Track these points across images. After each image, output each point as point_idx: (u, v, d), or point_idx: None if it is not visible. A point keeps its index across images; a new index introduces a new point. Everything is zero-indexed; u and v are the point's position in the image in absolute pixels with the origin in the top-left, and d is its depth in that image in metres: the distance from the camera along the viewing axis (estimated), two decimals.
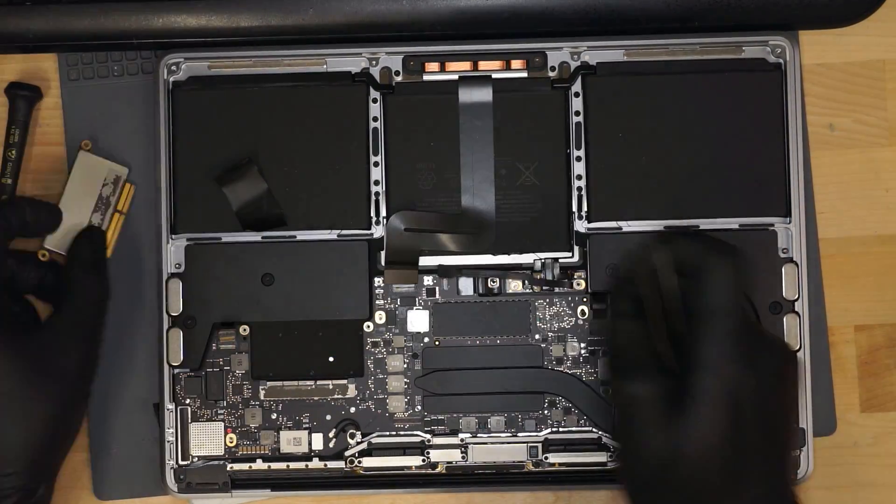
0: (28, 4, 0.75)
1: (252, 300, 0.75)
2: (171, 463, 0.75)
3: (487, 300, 0.76)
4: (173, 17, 0.75)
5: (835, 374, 0.77)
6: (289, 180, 0.75)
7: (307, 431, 0.76)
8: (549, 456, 0.75)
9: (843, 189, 0.78)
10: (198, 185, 0.75)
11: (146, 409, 0.77)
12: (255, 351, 0.75)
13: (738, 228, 0.75)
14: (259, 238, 0.75)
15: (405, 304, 0.76)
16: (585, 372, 0.76)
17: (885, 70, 0.78)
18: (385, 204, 0.75)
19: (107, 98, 0.78)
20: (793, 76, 0.75)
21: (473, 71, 0.76)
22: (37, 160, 0.78)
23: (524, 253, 0.75)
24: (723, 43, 0.75)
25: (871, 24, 0.77)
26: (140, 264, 0.77)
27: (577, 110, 0.75)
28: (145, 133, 0.77)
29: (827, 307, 0.77)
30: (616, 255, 0.75)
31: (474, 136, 0.75)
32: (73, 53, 0.77)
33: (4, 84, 0.77)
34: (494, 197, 0.75)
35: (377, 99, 0.75)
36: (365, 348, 0.76)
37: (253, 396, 0.76)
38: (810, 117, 0.78)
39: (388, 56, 0.76)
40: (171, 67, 0.75)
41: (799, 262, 0.75)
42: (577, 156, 0.75)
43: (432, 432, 0.76)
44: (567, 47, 0.75)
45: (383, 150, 0.75)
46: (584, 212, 0.75)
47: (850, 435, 0.77)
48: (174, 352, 0.75)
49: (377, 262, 0.75)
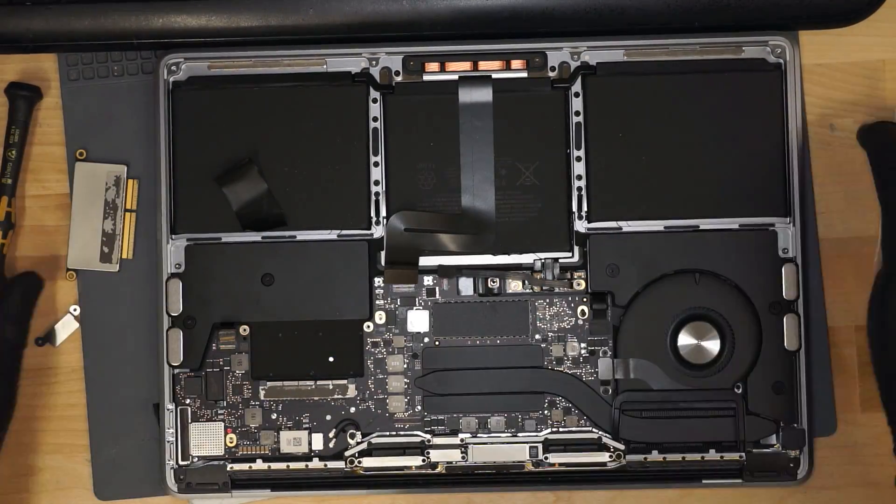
0: (28, 4, 0.75)
1: (252, 300, 0.75)
2: (171, 463, 0.75)
3: (487, 300, 0.76)
4: (173, 17, 0.75)
5: (835, 374, 0.77)
6: (289, 180, 0.75)
7: (307, 431, 0.76)
8: (549, 456, 0.75)
9: (843, 189, 0.78)
10: (198, 185, 0.75)
11: (146, 409, 0.77)
12: (255, 351, 0.75)
13: (738, 228, 0.75)
14: (259, 238, 0.75)
15: (405, 304, 0.76)
16: (585, 372, 0.76)
17: (885, 70, 0.78)
18: (385, 204, 0.75)
19: (107, 98, 0.78)
20: (793, 76, 0.75)
21: (473, 71, 0.76)
22: (37, 160, 0.78)
23: (524, 253, 0.75)
24: (723, 43, 0.75)
25: (871, 24, 0.77)
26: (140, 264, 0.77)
27: (577, 110, 0.75)
28: (145, 133, 0.77)
29: (827, 307, 0.77)
30: (616, 255, 0.75)
31: (474, 136, 0.75)
32: (73, 53, 0.77)
33: (4, 84, 0.77)
34: (494, 197, 0.75)
35: (377, 99, 0.75)
36: (365, 348, 0.76)
37: (253, 396, 0.76)
38: (810, 117, 0.78)
39: (388, 56, 0.76)
40: (171, 67, 0.75)
41: (799, 262, 0.75)
42: (577, 156, 0.75)
43: (432, 432, 0.76)
44: (567, 47, 0.75)
45: (383, 150, 0.75)
46: (584, 212, 0.75)
47: (850, 435, 0.77)
48: (174, 352, 0.75)
49: (377, 262, 0.75)
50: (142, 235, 0.77)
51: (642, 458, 0.75)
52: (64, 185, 0.78)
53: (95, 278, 0.77)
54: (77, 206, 0.77)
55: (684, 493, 0.77)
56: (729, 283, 0.75)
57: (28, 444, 0.78)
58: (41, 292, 0.76)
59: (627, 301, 0.75)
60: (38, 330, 0.78)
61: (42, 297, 0.78)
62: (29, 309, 0.76)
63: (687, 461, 0.75)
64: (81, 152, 0.77)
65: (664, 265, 0.75)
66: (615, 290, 0.75)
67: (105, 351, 0.77)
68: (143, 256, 0.77)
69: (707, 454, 0.75)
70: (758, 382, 0.75)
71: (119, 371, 0.77)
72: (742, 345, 0.75)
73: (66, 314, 0.78)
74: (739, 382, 0.75)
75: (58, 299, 0.78)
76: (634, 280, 0.75)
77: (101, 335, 0.77)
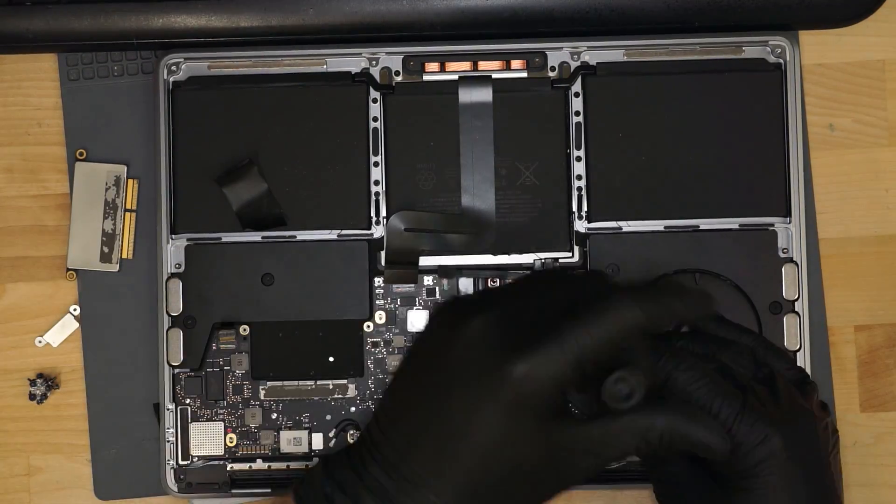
0: (28, 4, 0.75)
1: (252, 300, 0.75)
2: (171, 463, 0.75)
3: None
4: (173, 17, 0.75)
5: (835, 374, 0.77)
6: (289, 180, 0.75)
7: (307, 431, 0.75)
8: None
9: (843, 189, 0.78)
10: (198, 185, 0.75)
11: (146, 409, 0.77)
12: (255, 351, 0.75)
13: (738, 228, 0.75)
14: (259, 238, 0.75)
15: (405, 304, 0.76)
16: None
17: (885, 70, 0.78)
18: (385, 204, 0.75)
19: (107, 98, 0.78)
20: (793, 76, 0.75)
21: (473, 71, 0.76)
22: (37, 160, 0.78)
23: (524, 253, 0.75)
24: (723, 43, 0.75)
25: (871, 24, 0.77)
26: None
27: (577, 110, 0.75)
28: (145, 133, 0.77)
29: (827, 307, 0.77)
30: (616, 255, 0.75)
31: (474, 136, 0.75)
32: (73, 53, 0.77)
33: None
34: (494, 197, 0.75)
35: (377, 99, 0.75)
36: (365, 348, 0.76)
37: (253, 396, 0.76)
38: (810, 117, 0.78)
39: (388, 56, 0.76)
40: (171, 67, 0.75)
41: (799, 262, 0.75)
42: (577, 156, 0.75)
43: None
44: (567, 47, 0.75)
45: (383, 150, 0.75)
46: (584, 212, 0.75)
47: (850, 435, 0.77)
48: (174, 352, 0.75)
49: (377, 262, 0.75)
50: (142, 235, 0.77)
51: None
52: (64, 185, 0.78)
53: (95, 278, 0.77)
54: (77, 206, 0.77)
55: None
56: (729, 282, 0.75)
57: (28, 444, 0.78)
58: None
59: None
60: (38, 330, 0.78)
61: (42, 296, 0.78)
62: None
63: None
64: (81, 152, 0.77)
65: (664, 265, 0.75)
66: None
67: (105, 351, 0.77)
68: (143, 256, 0.77)
69: None
70: None
71: (119, 371, 0.77)
72: None
73: (66, 314, 0.77)
74: None
75: (58, 299, 0.78)
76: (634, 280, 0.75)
77: (101, 335, 0.77)
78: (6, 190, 0.78)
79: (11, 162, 0.78)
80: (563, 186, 0.75)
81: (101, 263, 0.77)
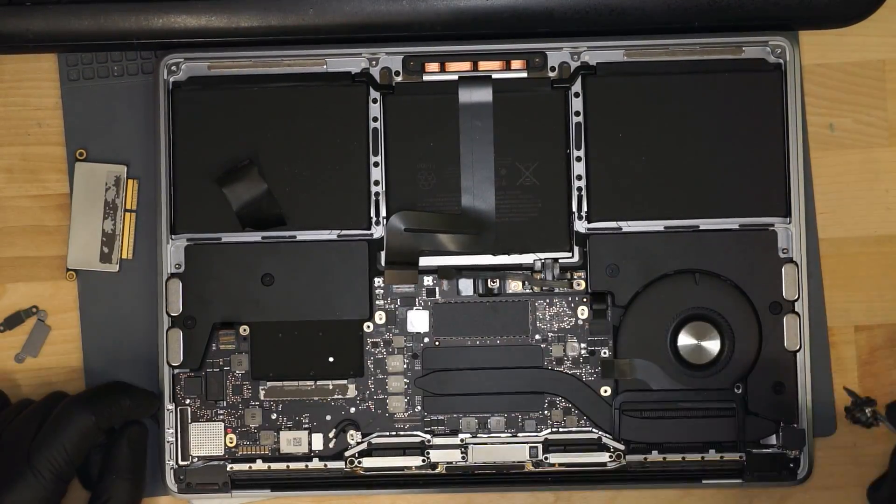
0: (28, 4, 0.75)
1: (252, 300, 0.75)
2: (171, 463, 0.75)
3: (487, 300, 0.76)
4: (173, 17, 0.75)
5: (835, 374, 0.77)
6: (289, 180, 0.75)
7: (307, 431, 0.76)
8: (549, 456, 0.75)
9: (843, 189, 0.78)
10: (198, 185, 0.75)
11: None
12: (255, 351, 0.75)
13: (738, 228, 0.75)
14: (259, 238, 0.75)
15: (405, 305, 0.76)
16: (585, 372, 0.76)
17: (885, 70, 0.78)
18: (385, 204, 0.75)
19: (107, 98, 0.78)
20: (793, 76, 0.75)
21: (473, 71, 0.76)
22: (37, 160, 0.78)
23: (524, 253, 0.75)
24: (723, 43, 0.75)
25: (871, 24, 0.77)
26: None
27: (577, 110, 0.75)
28: (145, 133, 0.77)
29: (827, 307, 0.77)
30: (616, 255, 0.75)
31: (474, 136, 0.75)
32: (73, 53, 0.77)
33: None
34: (494, 197, 0.75)
35: (377, 99, 0.75)
36: (365, 348, 0.76)
37: (253, 396, 0.76)
38: (810, 117, 0.78)
39: (388, 56, 0.76)
40: (171, 67, 0.75)
41: (799, 262, 0.75)
42: (577, 156, 0.75)
43: (432, 432, 0.76)
44: (567, 47, 0.75)
45: (383, 150, 0.75)
46: (584, 212, 0.75)
47: (850, 435, 0.77)
48: (174, 352, 0.75)
49: (377, 262, 0.75)
50: (142, 235, 0.77)
51: (642, 459, 0.75)
52: (64, 185, 0.78)
53: (95, 278, 0.77)
54: (77, 206, 0.77)
55: (684, 493, 0.77)
56: (729, 283, 0.75)
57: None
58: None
59: (627, 301, 0.75)
60: (17, 346, 0.78)
61: (42, 296, 0.78)
62: (142, 459, 0.74)
63: (687, 461, 0.75)
64: (81, 152, 0.77)
65: (664, 265, 0.75)
66: (615, 291, 0.75)
67: (105, 351, 0.77)
68: (143, 256, 0.77)
69: (707, 454, 0.75)
70: (758, 382, 0.75)
71: (119, 371, 0.77)
72: (742, 345, 0.75)
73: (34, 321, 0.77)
74: (739, 382, 0.75)
75: (58, 299, 0.78)
76: (634, 280, 0.75)
77: (101, 335, 0.77)
78: (6, 190, 0.78)
79: (11, 162, 0.78)
80: (563, 186, 0.75)
81: (101, 264, 0.77)
